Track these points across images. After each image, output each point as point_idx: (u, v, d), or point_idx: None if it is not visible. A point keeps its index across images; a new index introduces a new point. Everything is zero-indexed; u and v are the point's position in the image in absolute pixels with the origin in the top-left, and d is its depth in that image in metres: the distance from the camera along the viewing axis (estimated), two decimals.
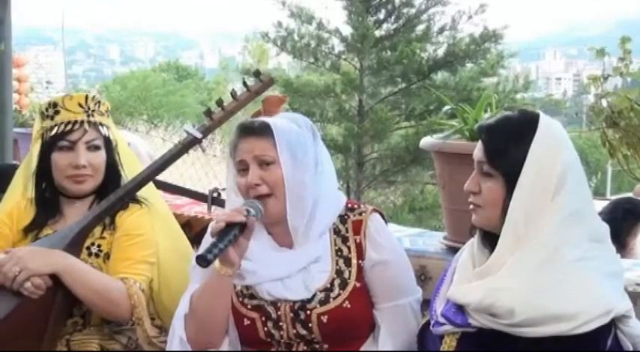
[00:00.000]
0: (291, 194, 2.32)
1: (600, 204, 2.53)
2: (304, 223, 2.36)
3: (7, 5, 4.63)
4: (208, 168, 10.57)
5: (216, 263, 2.26)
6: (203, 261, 2.16)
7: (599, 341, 1.92)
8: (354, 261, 2.39)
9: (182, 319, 2.37)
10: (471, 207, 2.09)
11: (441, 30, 14.91)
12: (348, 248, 2.41)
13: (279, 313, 2.35)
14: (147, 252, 2.68)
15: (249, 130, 2.36)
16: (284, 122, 2.38)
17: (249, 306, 2.38)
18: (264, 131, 2.33)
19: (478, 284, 2.00)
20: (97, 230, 2.70)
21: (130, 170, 2.84)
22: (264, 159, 2.32)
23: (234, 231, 2.22)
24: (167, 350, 2.42)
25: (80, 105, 2.72)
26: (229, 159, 2.44)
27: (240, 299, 2.39)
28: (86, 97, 2.76)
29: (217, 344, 2.39)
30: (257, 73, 2.77)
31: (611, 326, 1.93)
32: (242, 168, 2.35)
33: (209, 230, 2.51)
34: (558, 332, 1.89)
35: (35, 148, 2.80)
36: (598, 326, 1.89)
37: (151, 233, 2.73)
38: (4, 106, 4.49)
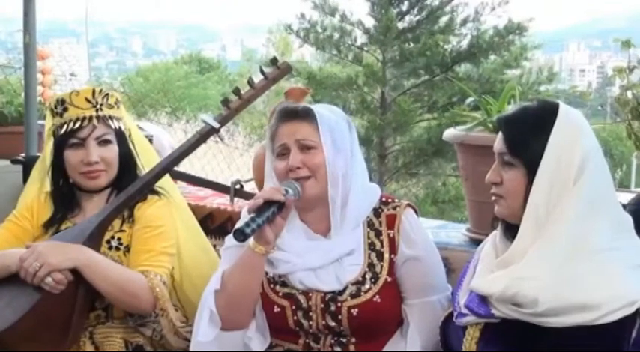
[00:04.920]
0: (331, 176, 2.34)
1: (625, 197, 2.50)
2: (341, 206, 2.37)
3: None
4: (230, 161, 10.58)
5: (251, 240, 2.27)
6: (241, 234, 2.18)
7: (623, 332, 1.92)
8: (386, 256, 2.40)
9: (212, 293, 2.37)
10: (493, 198, 2.10)
11: (464, 22, 14.82)
12: (381, 242, 2.41)
13: (309, 303, 2.36)
14: (167, 244, 2.68)
15: (291, 114, 2.38)
16: (323, 108, 2.40)
17: (280, 293, 2.39)
18: (306, 115, 2.36)
19: (501, 274, 2.01)
20: (117, 223, 2.71)
21: (144, 159, 2.84)
22: (306, 143, 2.34)
23: (272, 209, 2.24)
24: (196, 322, 2.39)
25: (88, 101, 2.70)
26: (268, 143, 2.44)
27: (272, 285, 2.40)
28: (93, 91, 2.75)
29: (245, 324, 2.39)
30: (274, 61, 2.75)
31: (636, 316, 1.92)
32: (282, 151, 2.37)
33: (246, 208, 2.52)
34: (582, 321, 1.89)
35: (48, 145, 2.81)
36: (622, 317, 1.89)
37: (170, 224, 2.73)
38: (29, 99, 4.49)
